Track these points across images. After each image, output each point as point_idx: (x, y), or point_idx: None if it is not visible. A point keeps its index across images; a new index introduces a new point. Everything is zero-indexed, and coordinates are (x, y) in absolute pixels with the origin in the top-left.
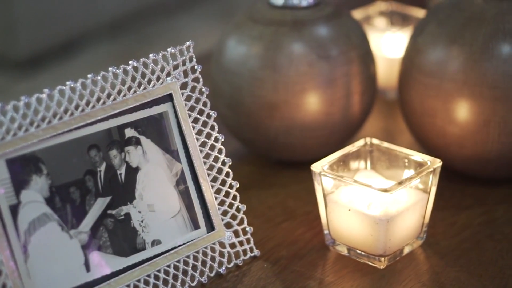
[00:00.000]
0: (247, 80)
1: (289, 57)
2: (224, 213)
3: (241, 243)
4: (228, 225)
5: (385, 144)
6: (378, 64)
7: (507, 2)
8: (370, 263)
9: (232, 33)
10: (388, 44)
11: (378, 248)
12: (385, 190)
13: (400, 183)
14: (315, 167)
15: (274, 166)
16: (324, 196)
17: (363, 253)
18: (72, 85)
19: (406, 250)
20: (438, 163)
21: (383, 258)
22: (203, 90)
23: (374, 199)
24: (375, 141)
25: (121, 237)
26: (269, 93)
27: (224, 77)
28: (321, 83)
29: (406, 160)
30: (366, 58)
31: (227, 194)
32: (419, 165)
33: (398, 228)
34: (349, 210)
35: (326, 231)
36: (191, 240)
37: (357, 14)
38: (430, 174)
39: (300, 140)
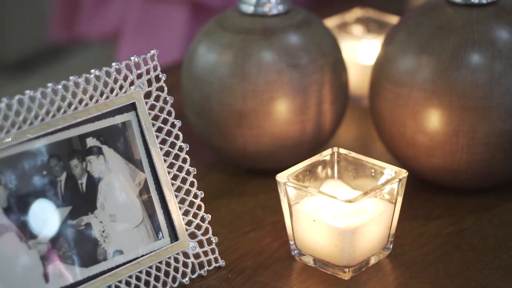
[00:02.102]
0: (216, 88)
1: (258, 65)
2: (189, 223)
3: (205, 253)
4: (192, 235)
5: (353, 154)
6: (353, 72)
7: (477, 11)
8: (335, 274)
9: (202, 41)
10: (364, 51)
11: (343, 259)
12: (349, 201)
13: (365, 193)
14: (280, 177)
15: (245, 175)
16: (290, 206)
17: (328, 264)
18: (32, 94)
19: (372, 261)
20: (404, 173)
21: (347, 269)
22: (167, 99)
23: (338, 210)
24: (343, 150)
25: (82, 247)
26: (238, 101)
27: (194, 85)
28: (290, 91)
29: (373, 170)
30: (337, 66)
31: (191, 204)
32: (385, 175)
33: (363, 239)
34: (314, 220)
35: (291, 242)
36: (154, 251)
37: (333, 21)
38: (396, 184)
39: (270, 149)
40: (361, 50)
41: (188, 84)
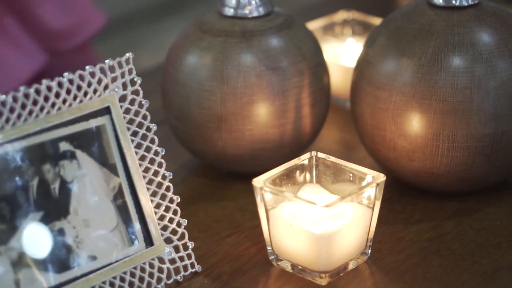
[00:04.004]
0: (195, 92)
1: (237, 68)
2: (164, 228)
3: (181, 258)
4: (168, 240)
5: (331, 158)
6: (337, 74)
7: (458, 13)
8: (312, 280)
9: (182, 44)
10: (349, 54)
11: (320, 264)
12: (325, 206)
13: (341, 198)
14: (257, 181)
15: (225, 178)
16: (266, 211)
17: (305, 269)
18: (3, 98)
19: (351, 266)
20: (382, 178)
21: (324, 275)
22: (142, 102)
23: (315, 215)
24: (321, 155)
25: (54, 253)
26: (217, 104)
27: (174, 88)
28: (270, 95)
29: (351, 175)
30: (318, 69)
31: (167, 209)
32: (364, 179)
33: (340, 244)
34: (291, 225)
35: (269, 247)
36: (129, 256)
37: (319, 23)
38: (373, 189)
39: (250, 152)
40: (346, 53)
41: (168, 88)
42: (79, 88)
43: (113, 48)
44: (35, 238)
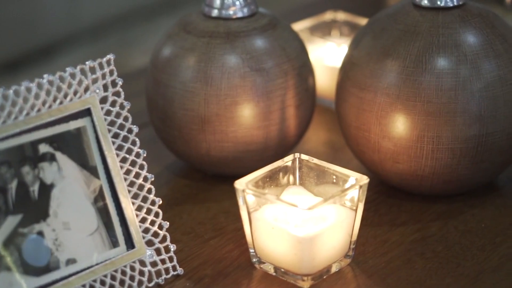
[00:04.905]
0: (178, 93)
1: (221, 69)
2: (146, 230)
3: (163, 261)
4: (150, 243)
5: (315, 160)
6: (325, 75)
7: (443, 14)
8: (295, 283)
9: (165, 44)
10: (336, 55)
11: (302, 267)
12: (307, 208)
13: (323, 201)
14: (239, 183)
15: (210, 180)
16: (249, 213)
17: (288, 272)
18: None
19: (334, 268)
20: (365, 180)
21: (306, 278)
22: (124, 104)
23: (297, 217)
24: (304, 156)
25: (34, 256)
26: (201, 106)
27: (157, 89)
28: (254, 96)
29: (334, 177)
30: (303, 70)
31: (149, 211)
32: (347, 182)
33: (322, 247)
34: (273, 228)
35: (251, 250)
36: (109, 259)
37: (306, 23)
38: (356, 191)
39: (234, 154)
40: (333, 53)
41: (151, 89)
42: (59, 89)
43: (106, 48)
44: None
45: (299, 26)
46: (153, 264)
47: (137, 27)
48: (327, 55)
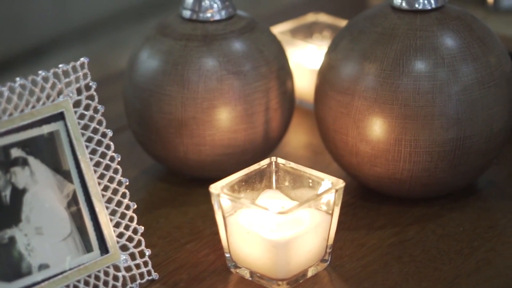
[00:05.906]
0: (155, 96)
1: (197, 72)
2: (120, 235)
3: (137, 266)
4: (124, 248)
5: (291, 164)
6: (306, 78)
7: (421, 17)
8: (271, 287)
9: (143, 47)
10: (317, 57)
11: (277, 272)
12: (281, 213)
13: (298, 205)
14: (214, 187)
15: (188, 184)
16: (224, 217)
17: (263, 276)
18: None
19: (310, 273)
20: (340, 184)
21: (281, 282)
22: (98, 108)
23: (272, 222)
24: (281, 160)
25: (5, 261)
26: (178, 109)
27: (135, 93)
28: (231, 99)
29: (311, 181)
30: (282, 73)
31: (123, 216)
32: (323, 186)
33: (298, 251)
34: (248, 232)
35: (227, 254)
36: (82, 264)
37: (287, 25)
38: (332, 195)
39: (211, 157)
40: (314, 56)
41: (129, 92)
42: (31, 93)
43: (96, 49)
44: None
45: (280, 29)
46: (128, 269)
47: (128, 28)
48: (308, 58)
